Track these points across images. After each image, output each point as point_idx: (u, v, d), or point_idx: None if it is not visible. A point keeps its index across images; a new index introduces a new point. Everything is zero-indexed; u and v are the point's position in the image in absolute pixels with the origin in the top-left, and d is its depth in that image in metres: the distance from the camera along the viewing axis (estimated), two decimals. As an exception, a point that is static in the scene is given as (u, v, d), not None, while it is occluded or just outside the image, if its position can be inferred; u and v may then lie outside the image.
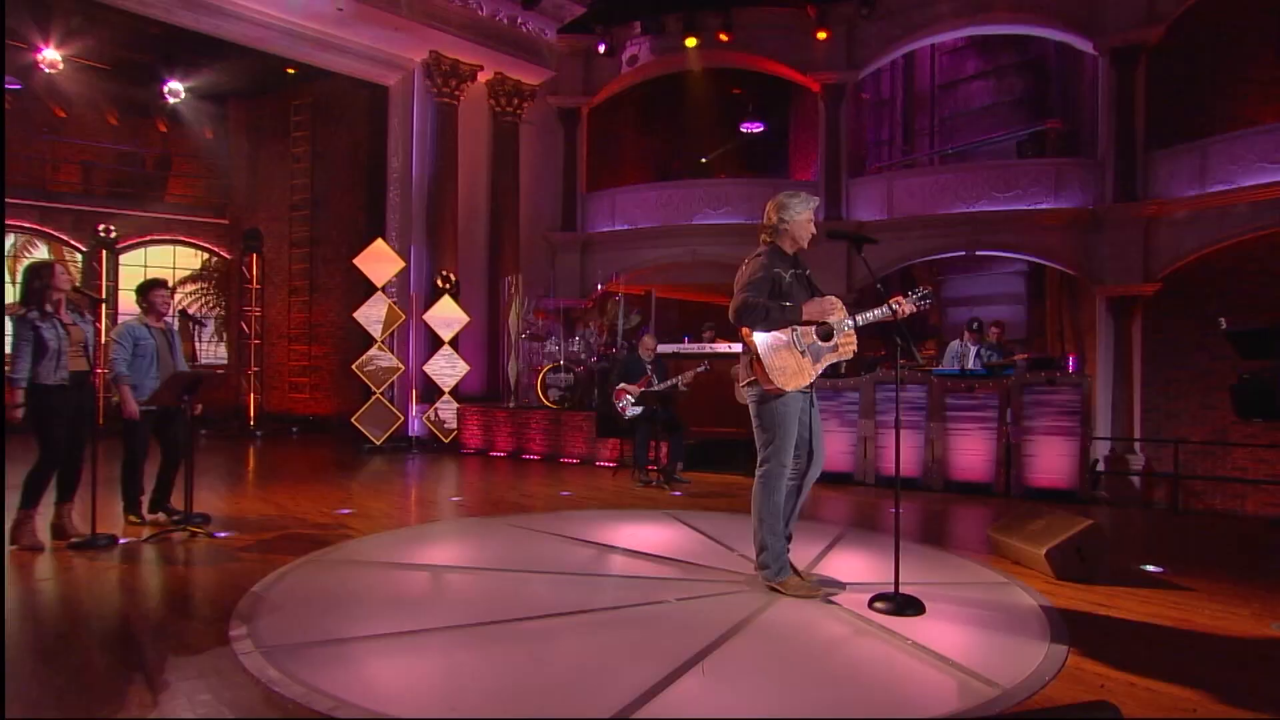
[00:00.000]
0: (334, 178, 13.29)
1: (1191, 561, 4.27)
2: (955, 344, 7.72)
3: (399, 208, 10.91)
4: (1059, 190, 10.46)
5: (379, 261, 9.61)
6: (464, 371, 10.26)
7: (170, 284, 10.97)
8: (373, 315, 9.54)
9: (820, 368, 3.25)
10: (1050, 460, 6.25)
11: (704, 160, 15.07)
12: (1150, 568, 3.95)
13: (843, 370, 3.97)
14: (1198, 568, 4.07)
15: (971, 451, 6.55)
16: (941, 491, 6.62)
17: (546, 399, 9.41)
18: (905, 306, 3.23)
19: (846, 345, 3.28)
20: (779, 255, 3.27)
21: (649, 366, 7.13)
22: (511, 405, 10.09)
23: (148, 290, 4.71)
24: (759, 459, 3.28)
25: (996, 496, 6.42)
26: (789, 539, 3.45)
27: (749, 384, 3.31)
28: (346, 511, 5.27)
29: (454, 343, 10.23)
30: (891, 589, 3.17)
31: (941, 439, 6.64)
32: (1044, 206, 10.46)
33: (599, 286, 10.78)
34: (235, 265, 13.76)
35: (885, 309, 3.22)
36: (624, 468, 7.52)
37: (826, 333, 3.26)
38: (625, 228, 12.45)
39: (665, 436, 7.05)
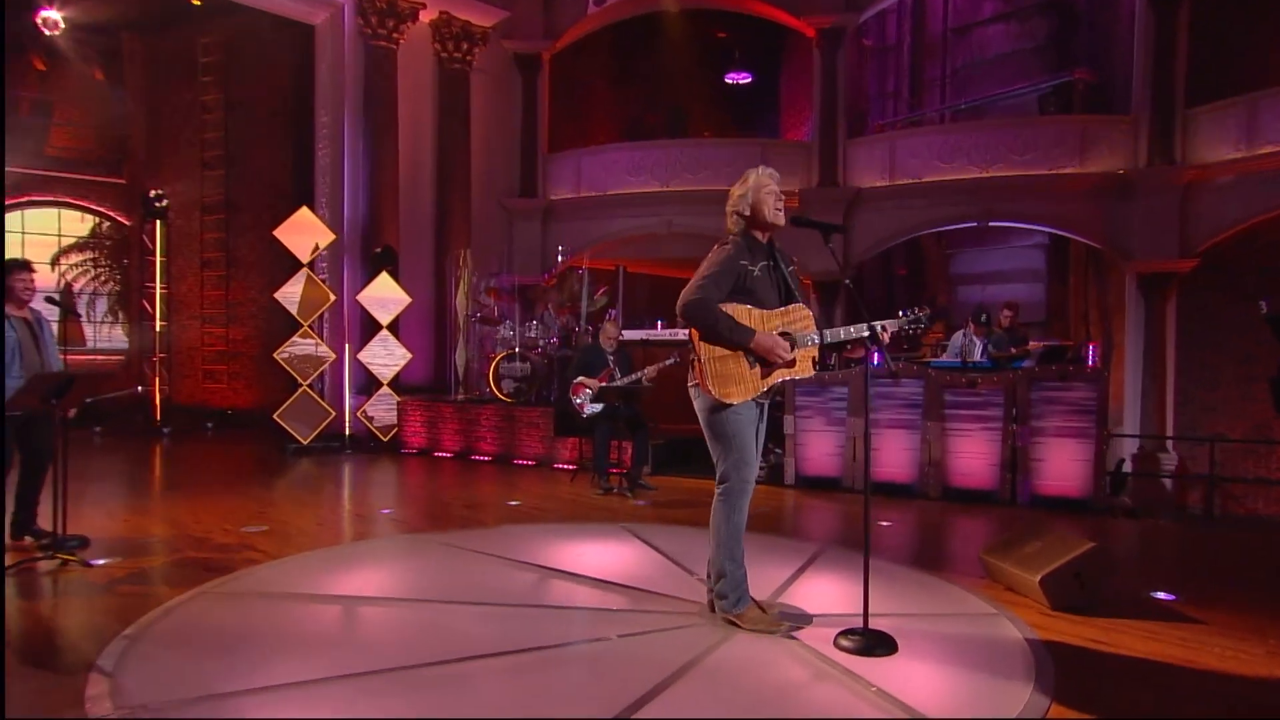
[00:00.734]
0: (253, 132, 12.97)
1: (1210, 586, 4.29)
2: (959, 335, 7.74)
3: (329, 170, 10.71)
4: (1085, 152, 10.47)
5: (304, 232, 9.43)
6: (405, 360, 10.17)
7: (36, 263, 10.67)
8: (298, 295, 9.38)
9: (770, 383, 3.23)
10: (1061, 465, 6.27)
11: (681, 112, 14.92)
12: (1161, 595, 3.97)
13: (831, 362, 3.95)
14: (1216, 594, 4.08)
15: (973, 455, 6.56)
16: (939, 500, 6.65)
17: (500, 391, 9.38)
18: (888, 331, 3.23)
19: (803, 363, 3.27)
20: (750, 245, 3.23)
21: (611, 358, 7.10)
22: (459, 398, 10.01)
23: (6, 274, 4.54)
24: (718, 474, 3.27)
25: (1000, 506, 6.45)
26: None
27: (693, 387, 3.29)
28: (257, 529, 5.19)
29: (394, 327, 10.13)
30: (860, 624, 3.14)
31: (939, 440, 6.65)
32: (1068, 171, 10.47)
33: (559, 257, 10.67)
34: (134, 233, 13.44)
35: (863, 328, 3.20)
36: (584, 471, 7.52)
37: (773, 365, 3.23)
38: (592, 194, 12.37)
39: (629, 436, 7.02)
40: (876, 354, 8.43)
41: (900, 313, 3.36)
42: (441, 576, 4.20)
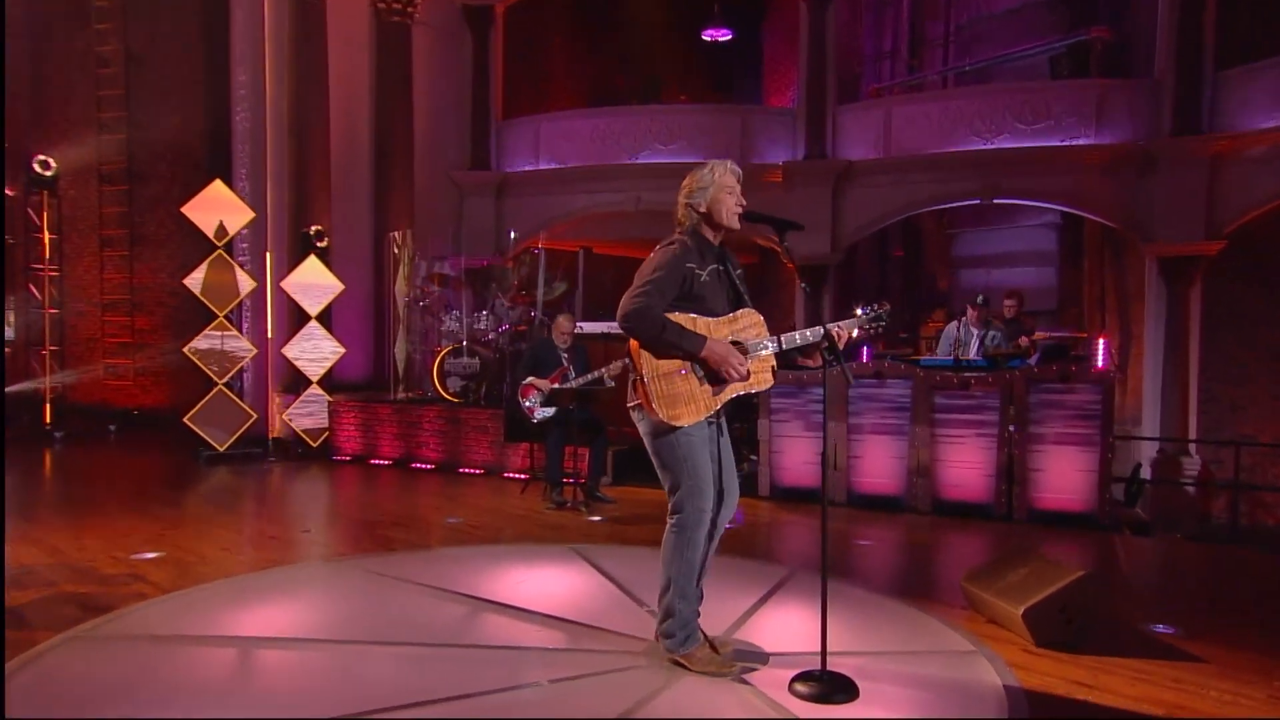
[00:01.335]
0: (159, 90, 12.67)
1: (1217, 616, 4.31)
2: (952, 327, 7.76)
3: (249, 136, 10.52)
4: (1102, 120, 10.51)
5: (219, 209, 9.26)
6: (337, 355, 10.08)
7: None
8: (211, 282, 9.22)
9: (722, 400, 3.21)
10: (1062, 476, 6.30)
11: (654, 81, 14.82)
12: (1159, 628, 3.98)
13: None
14: (1222, 626, 4.10)
15: (966, 464, 6.58)
16: (928, 514, 6.68)
17: (445, 390, 9.33)
18: (845, 332, 3.23)
19: (761, 375, 3.26)
20: (698, 246, 3.23)
21: (565, 355, 7.05)
22: (399, 398, 9.91)
23: None
24: (670, 504, 3.27)
25: (996, 520, 6.47)
26: (700, 596, 3.45)
27: (635, 408, 3.26)
28: (151, 556, 5.09)
29: (325, 318, 10.03)
30: (818, 665, 3.12)
31: (929, 448, 6.67)
32: (1082, 142, 10.51)
33: (511, 236, 10.60)
34: (17, 205, 13.08)
35: (818, 331, 3.19)
36: (537, 481, 7.49)
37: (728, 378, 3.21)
38: (552, 166, 12.32)
39: (586, 443, 6.98)
40: (867, 349, 8.45)
41: (858, 310, 3.36)
42: (360, 611, 4.14)
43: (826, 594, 3.20)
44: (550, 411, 6.80)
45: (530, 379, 6.86)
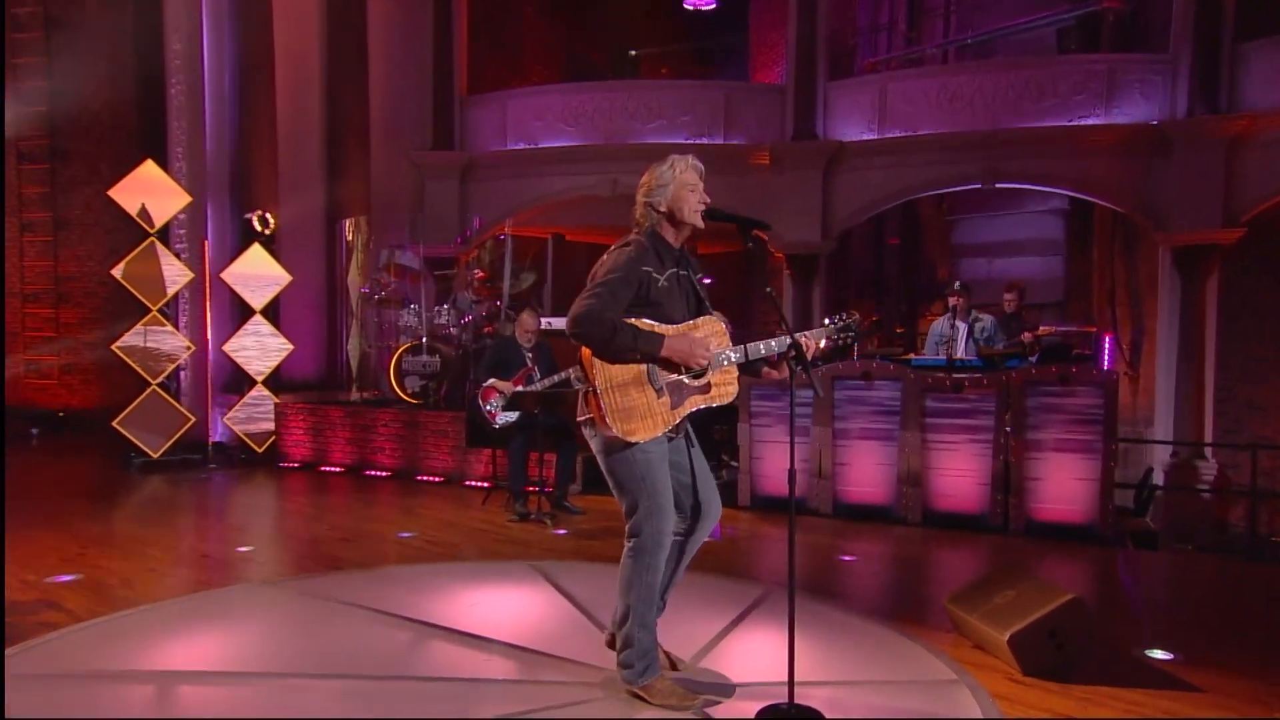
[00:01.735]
0: (85, 58, 12.44)
1: (1221, 639, 4.32)
2: (940, 322, 7.77)
3: (185, 112, 10.43)
4: (1113, 99, 10.53)
5: (151, 193, 9.17)
6: (284, 352, 10.06)
7: None
8: (142, 272, 9.12)
9: (682, 414, 3.22)
10: (1062, 485, 6.33)
11: (632, 54, 14.77)
12: (1157, 654, 3.99)
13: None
14: (1225, 650, 4.11)
15: (959, 472, 6.60)
16: (919, 526, 6.70)
17: (403, 391, 9.33)
18: (813, 342, 3.27)
19: (724, 387, 3.28)
20: (656, 247, 3.24)
21: (529, 355, 7.04)
22: (353, 399, 9.87)
23: None
24: (627, 527, 3.28)
25: (991, 533, 6.49)
26: (661, 609, 3.46)
27: (586, 423, 3.26)
28: (67, 578, 5.02)
29: (271, 311, 10.00)
30: (787, 697, 3.10)
31: (920, 454, 6.69)
32: (1091, 121, 10.52)
33: (475, 223, 10.55)
34: (-78, 185, 12.92)
35: (784, 341, 3.21)
36: (500, 489, 7.49)
37: (699, 368, 3.23)
38: (522, 146, 12.25)
39: (553, 449, 6.97)
40: (857, 346, 8.45)
41: (826, 320, 3.39)
42: (299, 640, 4.11)
43: (794, 620, 3.19)
44: (513, 416, 6.78)
45: (491, 381, 6.84)
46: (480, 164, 12.32)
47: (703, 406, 3.26)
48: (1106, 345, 7.21)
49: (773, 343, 3.26)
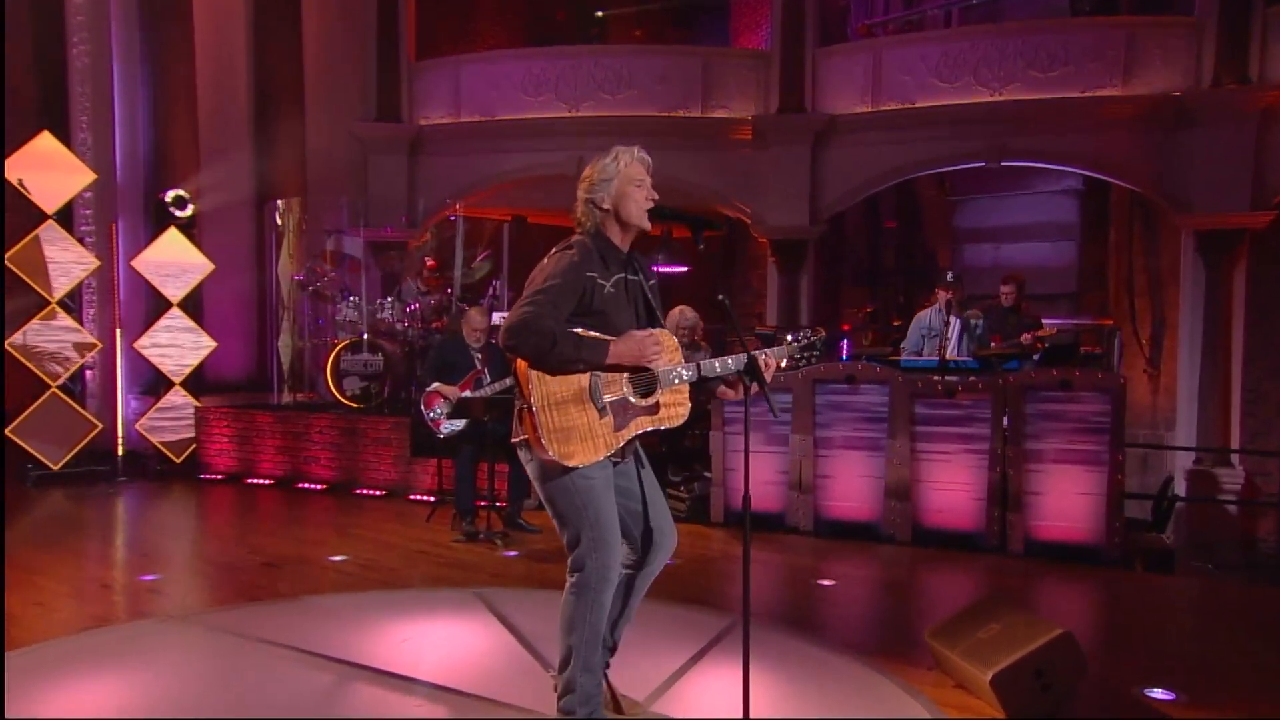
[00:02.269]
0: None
1: (1231, 675, 4.30)
2: (928, 314, 7.77)
3: (90, 77, 10.26)
4: (1131, 68, 10.57)
5: (48, 168, 9.02)
6: (207, 350, 9.98)
7: None
8: (43, 258, 8.97)
9: (627, 436, 3.21)
10: (1064, 501, 6.34)
11: (600, 15, 14.70)
12: (1157, 693, 3.97)
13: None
14: (1238, 689, 4.09)
15: (952, 485, 6.61)
16: (908, 545, 6.71)
17: (341, 393, 9.28)
18: (773, 361, 3.28)
19: (674, 408, 3.29)
20: (602, 250, 3.24)
21: (478, 356, 7.04)
22: (283, 402, 9.79)
23: None
24: (569, 561, 3.28)
25: (987, 553, 6.50)
26: (613, 650, 3.49)
27: (521, 444, 3.24)
28: (-70, 616, 4.91)
29: (192, 304, 9.90)
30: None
31: (909, 466, 6.70)
32: (1107, 93, 10.56)
33: (417, 206, 10.47)
34: None
35: (741, 360, 3.22)
36: (447, 504, 7.44)
37: (647, 386, 3.21)
38: (477, 119, 12.21)
39: (505, 460, 6.94)
40: (847, 344, 8.44)
41: (789, 338, 3.43)
42: (201, 684, 4.04)
43: (749, 658, 3.17)
44: (460, 424, 6.75)
45: (436, 385, 6.83)
46: (430, 137, 12.26)
47: (650, 429, 3.25)
48: (1118, 344, 7.21)
49: (729, 361, 3.26)
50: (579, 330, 3.11)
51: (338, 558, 6.22)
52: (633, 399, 3.19)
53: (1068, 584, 5.93)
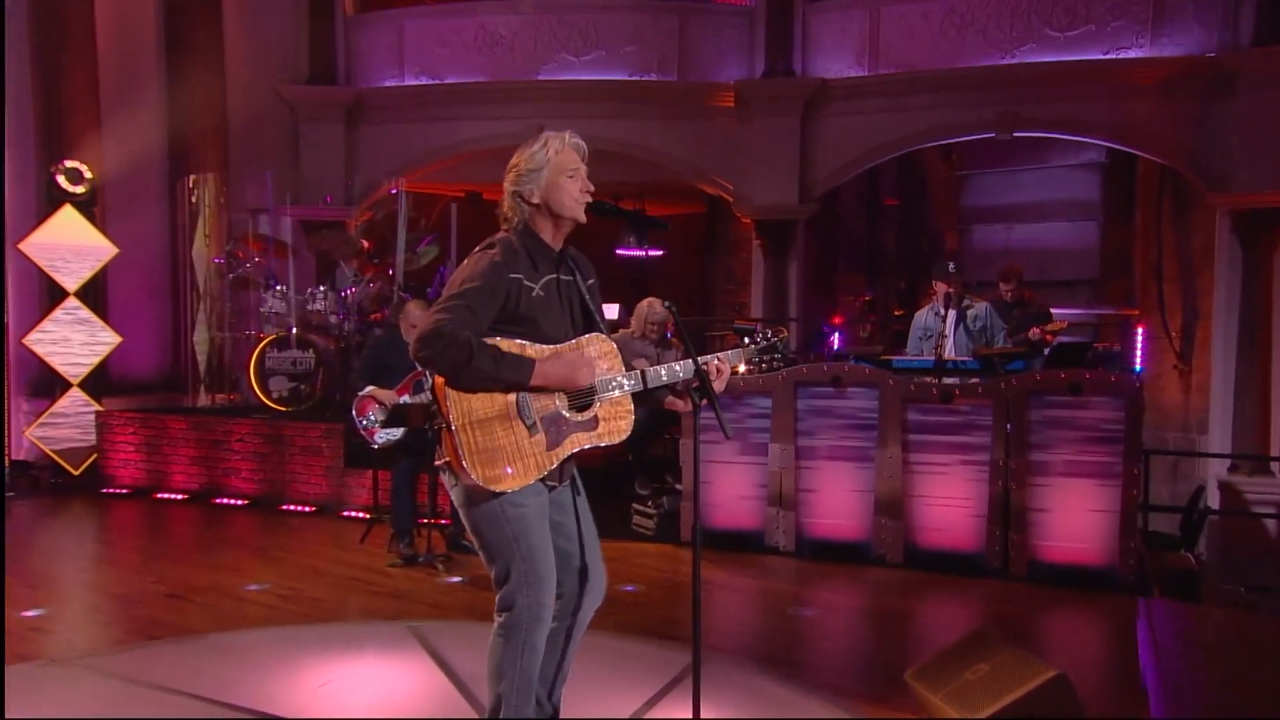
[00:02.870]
0: None
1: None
2: (924, 314, 7.82)
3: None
4: (1160, 25, 10.58)
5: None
6: (110, 345, 9.94)
7: None
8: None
9: (562, 455, 3.20)
10: (1073, 519, 6.34)
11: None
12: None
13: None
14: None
15: (949, 501, 6.63)
16: (901, 567, 6.71)
17: (266, 395, 9.26)
18: (726, 367, 3.30)
19: (615, 422, 3.29)
20: (529, 248, 3.23)
21: (417, 357, 6.93)
22: (200, 405, 9.74)
23: None
24: (497, 599, 3.26)
25: (987, 576, 6.51)
26: (555, 716, 3.47)
27: (443, 467, 3.23)
28: None
29: (92, 293, 9.83)
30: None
31: (901, 478, 6.71)
32: (1132, 54, 10.59)
33: (355, 182, 10.38)
34: None
35: (689, 366, 3.24)
36: (384, 521, 7.41)
37: (583, 399, 3.20)
38: (424, 82, 12.22)
39: (447, 474, 6.91)
40: (839, 337, 8.44)
41: (745, 339, 3.42)
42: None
43: (700, 706, 3.14)
44: (397, 433, 6.66)
45: (369, 389, 6.73)
46: (371, 103, 12.24)
47: (588, 446, 3.24)
48: (1140, 340, 7.19)
49: (677, 368, 3.26)
50: (501, 342, 3.10)
51: (256, 586, 6.17)
52: (567, 413, 3.19)
53: (1075, 613, 5.97)
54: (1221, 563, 9.23)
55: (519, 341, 3.13)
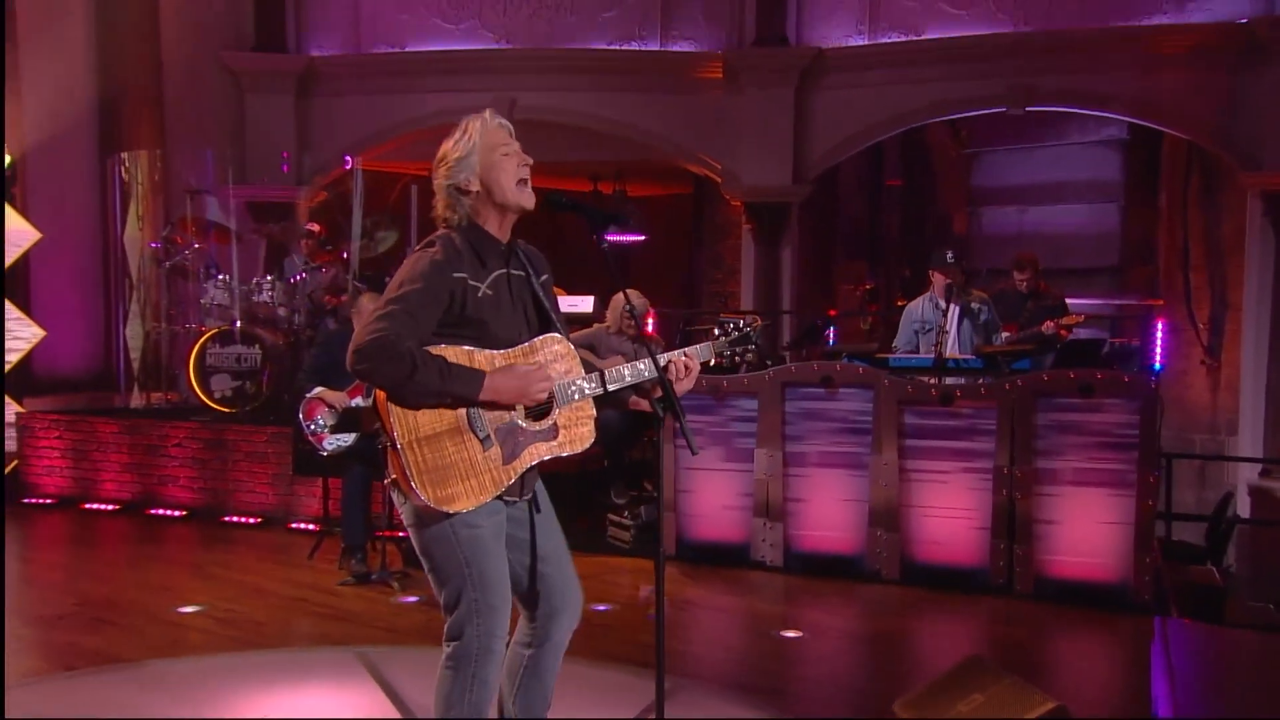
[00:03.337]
0: None
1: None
2: (918, 305, 7.81)
3: None
4: (1188, -10, 10.61)
5: None
6: (33, 340, 9.93)
7: None
8: None
9: (521, 466, 3.21)
10: (1084, 531, 6.35)
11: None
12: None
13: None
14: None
15: (949, 512, 6.64)
16: (897, 583, 6.72)
17: (208, 395, 9.24)
18: (693, 363, 3.34)
19: (576, 428, 3.31)
20: (473, 244, 3.22)
21: (371, 354, 6.93)
22: (133, 406, 9.76)
23: None
24: (445, 627, 3.25)
25: (991, 593, 6.52)
26: None
27: (391, 485, 3.24)
28: None
29: (12, 283, 9.82)
30: None
31: (898, 487, 6.72)
32: (1157, 21, 10.62)
33: (306, 160, 10.33)
34: None
35: (646, 365, 3.27)
36: (336, 536, 7.42)
37: (541, 405, 3.20)
38: (383, 50, 12.20)
39: (403, 484, 6.91)
40: (833, 331, 8.44)
41: (715, 331, 3.44)
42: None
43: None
44: (348, 439, 6.59)
45: (319, 390, 6.67)
46: (325, 73, 12.18)
47: (548, 457, 3.25)
48: (1160, 334, 7.19)
49: (641, 366, 3.28)
50: (447, 350, 3.09)
51: (190, 608, 6.14)
52: (523, 422, 3.18)
53: (1085, 635, 5.96)
54: (1251, 577, 9.23)
55: (466, 348, 3.12)
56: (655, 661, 5.14)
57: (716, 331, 3.44)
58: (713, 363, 3.42)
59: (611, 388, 3.29)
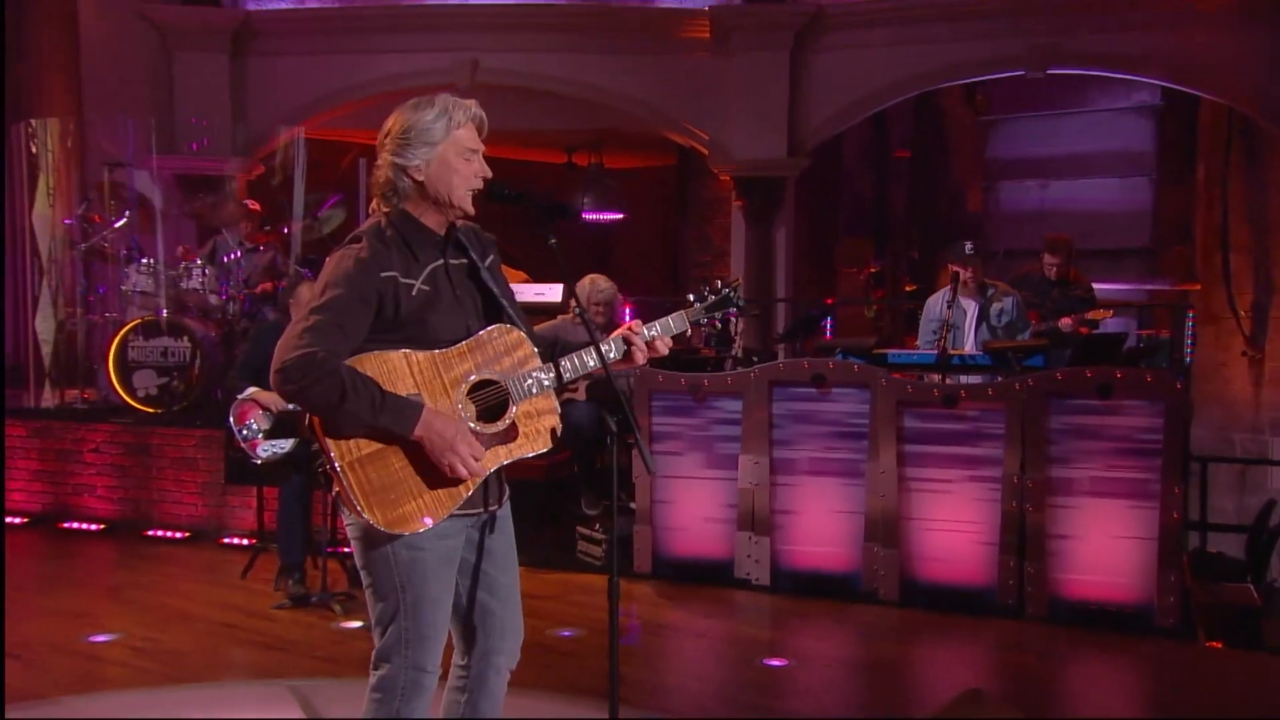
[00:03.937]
0: None
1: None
2: (936, 301, 7.87)
3: None
4: (1228, -63, 10.68)
5: None
6: None
7: None
8: None
9: (476, 478, 3.20)
10: (1102, 547, 6.35)
11: None
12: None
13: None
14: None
15: (953, 525, 6.66)
16: (895, 604, 6.72)
17: (130, 393, 9.23)
18: (660, 343, 3.35)
19: (537, 421, 3.31)
20: (404, 237, 3.21)
21: (313, 350, 6.95)
22: (43, 406, 9.84)
23: None
24: (374, 649, 3.26)
25: (1000, 616, 6.51)
26: None
27: (337, 499, 3.28)
28: None
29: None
30: None
31: (897, 498, 6.73)
32: (1194, -27, 10.67)
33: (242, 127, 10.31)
34: None
35: (609, 349, 3.30)
36: (272, 552, 7.43)
37: (495, 405, 3.21)
38: (328, 4, 12.24)
39: (346, 497, 6.94)
40: (829, 323, 8.47)
41: (690, 297, 3.43)
42: None
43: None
44: (285, 445, 6.69)
45: (252, 391, 6.73)
46: (263, 29, 12.23)
47: (508, 461, 3.25)
48: (1189, 326, 7.19)
49: (607, 349, 3.29)
50: (385, 357, 3.10)
51: (103, 637, 6.10)
52: (475, 425, 3.17)
53: (1103, 662, 5.97)
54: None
55: (400, 352, 3.12)
56: (623, 695, 5.22)
57: (692, 297, 3.44)
58: (689, 333, 3.43)
59: (568, 378, 3.30)
